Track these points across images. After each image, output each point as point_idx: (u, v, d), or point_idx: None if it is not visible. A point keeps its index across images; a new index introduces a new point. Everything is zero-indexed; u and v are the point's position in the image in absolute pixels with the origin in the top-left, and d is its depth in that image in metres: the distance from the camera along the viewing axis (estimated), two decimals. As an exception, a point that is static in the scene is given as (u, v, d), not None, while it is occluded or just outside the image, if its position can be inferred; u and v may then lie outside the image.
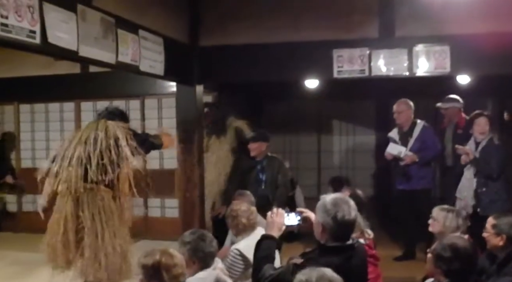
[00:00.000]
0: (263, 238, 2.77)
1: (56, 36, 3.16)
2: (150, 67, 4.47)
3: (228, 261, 3.66)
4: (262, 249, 2.73)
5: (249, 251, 3.61)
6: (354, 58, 4.99)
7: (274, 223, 2.78)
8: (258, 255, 2.73)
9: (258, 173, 5.45)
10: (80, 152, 3.81)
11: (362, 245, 3.01)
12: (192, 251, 3.00)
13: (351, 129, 8.02)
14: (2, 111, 7.84)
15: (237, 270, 3.64)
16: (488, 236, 3.41)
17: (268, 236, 2.76)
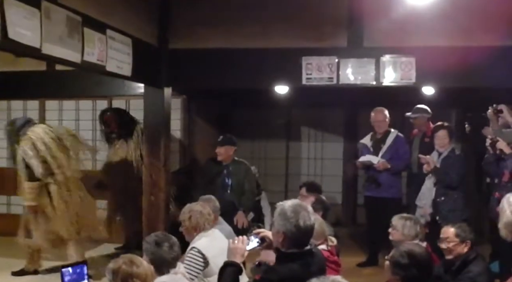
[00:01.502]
0: (226, 265, 2.75)
1: (17, 32, 3.08)
2: (117, 68, 4.41)
3: (187, 261, 3.62)
4: (226, 277, 2.71)
5: (207, 250, 3.65)
6: (323, 66, 5.03)
7: (236, 249, 2.77)
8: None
9: (224, 177, 5.42)
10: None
11: (319, 250, 3.03)
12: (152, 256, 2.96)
13: (320, 136, 8.07)
14: None
15: (197, 269, 3.61)
16: (453, 245, 3.48)
17: (231, 263, 2.74)
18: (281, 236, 2.60)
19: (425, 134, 5.96)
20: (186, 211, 3.87)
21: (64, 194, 5.36)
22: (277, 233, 2.63)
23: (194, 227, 3.78)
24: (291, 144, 8.13)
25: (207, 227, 3.82)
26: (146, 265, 2.61)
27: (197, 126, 7.04)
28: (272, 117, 8.04)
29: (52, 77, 6.97)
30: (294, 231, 2.55)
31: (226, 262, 2.79)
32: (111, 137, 6.44)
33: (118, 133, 6.38)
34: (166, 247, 3.04)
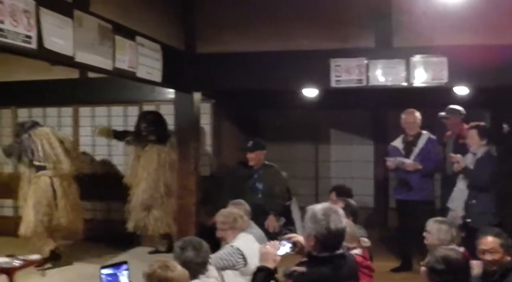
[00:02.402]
0: (258, 270, 2.75)
1: (52, 41, 3.16)
2: (148, 74, 4.48)
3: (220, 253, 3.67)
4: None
5: (245, 248, 3.72)
6: (352, 68, 5.00)
7: (268, 254, 2.76)
8: None
9: (254, 181, 5.42)
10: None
11: (351, 254, 3.00)
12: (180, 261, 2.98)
13: (349, 138, 7.99)
14: (0, 116, 7.82)
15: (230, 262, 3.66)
16: (499, 257, 3.34)
17: (263, 268, 2.73)
18: (312, 240, 2.58)
19: (459, 135, 5.84)
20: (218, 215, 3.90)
21: (64, 187, 6.07)
22: (308, 237, 2.62)
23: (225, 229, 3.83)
24: (320, 147, 8.07)
25: (243, 230, 3.88)
26: (180, 269, 2.62)
27: (226, 130, 7.07)
28: (300, 120, 8.01)
29: (85, 85, 7.12)
30: (325, 234, 2.54)
31: (258, 267, 2.78)
32: (147, 139, 6.42)
33: (156, 136, 6.39)
34: (191, 252, 3.05)
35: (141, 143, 6.46)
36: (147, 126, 6.41)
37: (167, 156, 6.33)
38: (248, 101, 7.31)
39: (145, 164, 6.38)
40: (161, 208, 6.35)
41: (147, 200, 6.31)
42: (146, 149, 6.42)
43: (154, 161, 6.33)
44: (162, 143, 6.39)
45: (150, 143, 6.41)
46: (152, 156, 6.36)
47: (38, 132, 6.08)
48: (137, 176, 6.44)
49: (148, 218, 6.36)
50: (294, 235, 2.95)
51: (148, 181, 6.32)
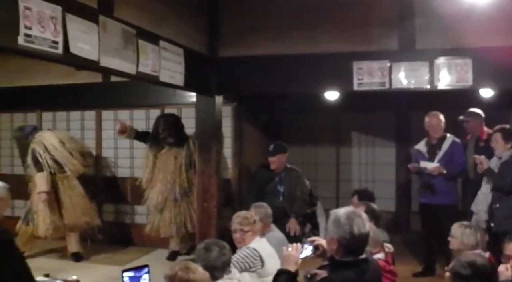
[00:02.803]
0: (279, 272, 2.74)
1: (77, 46, 3.20)
2: (170, 78, 4.51)
3: (238, 255, 3.67)
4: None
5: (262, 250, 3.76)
6: (374, 70, 4.97)
7: (290, 257, 2.75)
8: None
9: (276, 184, 5.42)
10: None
11: (375, 259, 2.98)
12: (202, 262, 3.00)
13: (371, 141, 7.94)
14: (25, 119, 7.95)
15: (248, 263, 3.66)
16: None
17: (285, 270, 2.73)
18: (335, 244, 2.57)
19: (479, 138, 5.77)
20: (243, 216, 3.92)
21: (68, 188, 6.37)
22: (331, 241, 2.60)
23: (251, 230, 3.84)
24: (341, 149, 8.04)
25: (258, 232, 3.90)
26: (201, 271, 2.63)
27: (248, 133, 7.07)
28: (322, 123, 7.99)
29: (107, 89, 7.20)
30: (348, 238, 2.52)
31: (279, 269, 2.78)
32: (165, 142, 6.41)
33: (175, 138, 6.39)
34: (216, 252, 3.07)
35: (158, 145, 6.45)
36: (166, 129, 6.40)
37: (184, 159, 6.33)
38: (270, 104, 7.32)
39: (162, 166, 6.38)
40: (175, 210, 6.31)
41: (161, 202, 6.31)
42: (163, 151, 6.41)
43: (171, 164, 6.32)
44: (179, 145, 6.38)
45: (167, 146, 6.40)
46: (169, 159, 6.35)
47: (37, 139, 6.38)
48: (153, 179, 6.44)
49: (161, 220, 6.36)
50: (316, 238, 2.94)
51: (163, 183, 6.32)
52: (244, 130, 7.02)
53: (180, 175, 6.31)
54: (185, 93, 6.58)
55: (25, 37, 2.81)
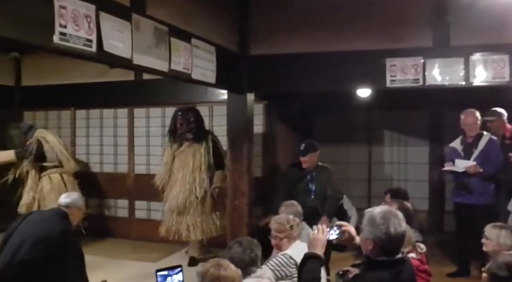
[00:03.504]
0: (307, 257, 2.71)
1: (111, 44, 3.24)
2: (202, 75, 4.52)
3: (273, 262, 3.63)
4: (308, 270, 2.67)
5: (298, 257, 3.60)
6: (407, 67, 4.89)
7: (317, 240, 2.72)
8: (304, 277, 2.68)
9: (307, 183, 5.39)
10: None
11: (410, 259, 2.91)
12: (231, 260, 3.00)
13: (403, 139, 7.82)
14: (59, 117, 8.12)
15: (283, 271, 3.61)
16: None
17: (313, 254, 2.69)
18: (370, 244, 2.52)
19: (504, 136, 5.63)
20: (273, 221, 3.87)
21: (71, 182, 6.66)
22: (365, 240, 2.56)
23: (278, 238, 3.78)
24: (373, 148, 7.95)
25: (290, 241, 3.79)
26: (233, 268, 2.63)
27: (279, 131, 7.06)
28: (354, 121, 7.91)
29: (140, 86, 7.29)
30: (384, 238, 2.47)
31: (307, 254, 2.74)
32: (184, 138, 6.20)
33: (195, 134, 6.18)
34: (244, 250, 3.06)
35: (177, 142, 6.24)
36: (184, 123, 6.17)
37: (204, 157, 6.11)
38: (301, 101, 7.29)
39: (181, 165, 6.15)
40: (198, 212, 6.10)
41: (182, 203, 6.04)
42: (181, 148, 6.20)
43: (190, 162, 6.10)
44: (199, 142, 6.16)
45: (186, 142, 6.19)
46: (188, 156, 6.13)
47: (42, 135, 6.65)
48: (170, 178, 6.24)
49: (182, 223, 6.09)
50: (345, 223, 2.90)
51: (182, 183, 6.08)
52: (275, 128, 7.00)
53: (200, 174, 6.10)
54: (216, 91, 6.61)
55: (60, 36, 2.85)
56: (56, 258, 3.51)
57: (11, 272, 3.48)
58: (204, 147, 6.16)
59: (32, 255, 3.49)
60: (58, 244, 3.56)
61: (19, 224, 3.73)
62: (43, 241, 3.55)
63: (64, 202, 3.88)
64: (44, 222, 3.70)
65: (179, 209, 6.08)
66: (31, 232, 3.61)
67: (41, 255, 3.50)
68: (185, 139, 6.19)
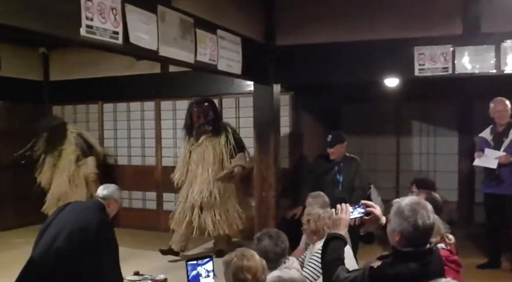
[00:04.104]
0: (330, 238, 2.68)
1: (137, 36, 3.25)
2: (228, 67, 4.52)
3: (310, 262, 3.59)
4: (331, 250, 2.62)
5: None
6: (437, 55, 4.80)
7: (340, 220, 2.68)
8: (328, 258, 2.64)
9: (335, 174, 5.34)
10: None
11: (438, 249, 2.86)
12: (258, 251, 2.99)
13: (432, 130, 7.70)
14: (87, 110, 8.22)
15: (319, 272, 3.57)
16: None
17: (336, 235, 2.66)
18: (397, 235, 2.48)
19: None
20: (305, 214, 3.83)
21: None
22: (393, 232, 2.51)
23: (313, 231, 3.74)
24: (401, 139, 7.85)
25: (326, 231, 3.73)
26: (257, 259, 2.62)
27: (306, 122, 7.01)
28: (381, 112, 7.82)
29: (166, 79, 7.33)
30: (411, 231, 2.42)
31: (329, 234, 2.70)
32: (203, 130, 6.00)
33: (213, 126, 5.99)
34: (271, 242, 3.05)
35: (194, 136, 6.03)
36: (202, 116, 5.96)
37: (224, 149, 5.93)
38: (328, 92, 7.22)
39: (199, 159, 5.95)
40: (223, 207, 5.94)
41: (206, 199, 5.83)
42: (198, 142, 5.99)
43: (210, 156, 5.91)
44: (217, 134, 5.98)
45: (204, 135, 5.98)
46: (207, 150, 5.93)
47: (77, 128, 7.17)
48: (188, 173, 6.02)
49: (206, 219, 5.90)
50: (371, 203, 2.85)
51: (204, 178, 5.88)
52: (301, 119, 6.96)
53: (221, 167, 5.93)
54: (242, 82, 6.60)
55: (86, 29, 2.88)
56: (92, 248, 3.57)
57: (47, 260, 3.56)
58: (224, 139, 5.98)
59: (69, 244, 3.55)
60: (94, 235, 3.60)
61: (57, 214, 3.81)
62: (80, 231, 3.61)
63: (102, 193, 3.90)
64: (82, 212, 3.77)
65: (204, 204, 5.89)
66: (68, 222, 3.67)
67: (78, 245, 3.56)
68: (204, 132, 6.00)
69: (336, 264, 2.57)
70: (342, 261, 2.61)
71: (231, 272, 2.52)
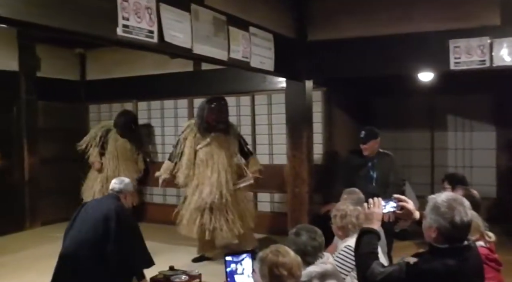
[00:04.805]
0: (363, 232, 2.66)
1: (171, 35, 3.30)
2: (261, 63, 4.53)
3: (338, 258, 3.58)
4: (364, 245, 2.61)
5: None
6: (473, 48, 4.70)
7: (372, 214, 2.66)
8: (361, 252, 2.62)
9: (368, 170, 5.29)
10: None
11: (477, 246, 2.81)
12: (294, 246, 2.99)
13: (468, 124, 7.55)
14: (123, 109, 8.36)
15: (348, 267, 3.56)
16: None
17: (369, 229, 2.64)
18: (434, 232, 2.44)
19: None
20: (334, 209, 3.81)
21: None
22: (429, 228, 2.48)
23: (338, 227, 3.72)
24: (436, 134, 7.72)
25: (352, 230, 3.65)
26: (292, 255, 2.62)
27: (338, 118, 6.98)
28: (415, 106, 7.70)
29: (199, 77, 7.39)
30: (448, 227, 2.38)
31: (362, 229, 2.68)
32: (217, 129, 5.75)
33: (225, 124, 5.80)
34: (306, 237, 3.04)
35: (204, 134, 5.74)
36: (219, 114, 5.72)
37: (235, 150, 5.80)
38: (360, 87, 7.16)
39: (208, 158, 5.69)
40: (237, 206, 5.73)
41: (217, 201, 5.58)
42: (206, 141, 5.72)
43: (220, 156, 5.68)
44: (227, 133, 5.81)
45: (215, 134, 5.73)
46: (217, 150, 5.69)
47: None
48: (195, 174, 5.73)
49: (219, 221, 5.62)
50: (404, 198, 2.81)
51: (213, 179, 5.61)
52: (334, 115, 6.93)
53: (231, 165, 5.73)
54: (274, 79, 6.61)
55: (123, 28, 2.93)
56: (115, 235, 3.86)
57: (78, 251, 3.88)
58: (234, 138, 5.85)
59: (94, 233, 3.87)
60: (116, 221, 3.89)
61: (79, 211, 4.13)
62: (103, 219, 3.90)
63: (117, 187, 4.18)
64: (102, 205, 4.08)
65: (215, 206, 5.62)
66: (91, 215, 4.00)
67: (102, 233, 3.86)
68: (217, 130, 5.75)
69: (370, 258, 2.55)
70: (376, 255, 2.59)
71: (267, 268, 2.53)
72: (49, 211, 7.75)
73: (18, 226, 7.45)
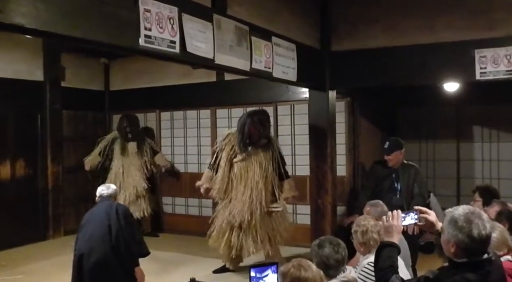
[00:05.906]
0: (383, 246, 2.61)
1: (193, 45, 3.30)
2: (283, 74, 4.51)
3: (361, 275, 3.51)
4: (383, 258, 2.56)
5: None
6: (500, 58, 4.61)
7: (392, 227, 2.61)
8: (381, 265, 2.57)
9: (392, 181, 5.22)
10: None
11: (499, 260, 2.72)
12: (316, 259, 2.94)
13: (495, 135, 7.39)
14: (146, 119, 8.42)
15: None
16: None
17: (388, 243, 2.59)
18: (452, 246, 2.38)
19: None
20: (355, 224, 3.73)
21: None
22: (447, 242, 2.41)
23: (359, 243, 3.64)
24: (462, 145, 7.58)
25: (374, 245, 3.61)
26: (314, 269, 2.59)
27: (362, 128, 6.90)
28: (440, 116, 7.58)
29: (222, 87, 7.41)
30: (467, 241, 2.32)
31: (382, 242, 2.64)
32: (259, 145, 5.52)
33: (267, 139, 5.57)
34: (329, 249, 2.99)
35: (245, 149, 5.48)
36: (262, 128, 5.46)
37: (270, 168, 5.49)
38: (385, 97, 7.09)
39: (243, 174, 5.47)
40: (266, 222, 5.46)
41: (248, 218, 5.35)
42: (242, 156, 5.49)
43: (255, 173, 5.43)
44: (266, 149, 5.53)
45: (251, 149, 5.48)
46: (252, 166, 5.46)
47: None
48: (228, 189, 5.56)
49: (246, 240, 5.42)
50: (425, 209, 2.75)
51: (247, 194, 5.40)
52: (358, 125, 6.86)
53: (266, 184, 5.46)
54: (297, 89, 6.58)
55: (145, 38, 2.95)
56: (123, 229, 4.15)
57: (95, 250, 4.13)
58: (271, 154, 5.54)
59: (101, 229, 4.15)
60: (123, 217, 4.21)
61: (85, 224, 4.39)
62: (105, 214, 4.18)
63: (106, 193, 4.39)
64: (106, 207, 4.28)
65: (244, 225, 5.41)
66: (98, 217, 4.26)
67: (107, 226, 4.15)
68: (258, 146, 5.50)
69: (390, 271, 2.51)
70: (395, 269, 2.54)
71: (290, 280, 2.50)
72: (72, 220, 7.81)
73: (41, 235, 7.52)
